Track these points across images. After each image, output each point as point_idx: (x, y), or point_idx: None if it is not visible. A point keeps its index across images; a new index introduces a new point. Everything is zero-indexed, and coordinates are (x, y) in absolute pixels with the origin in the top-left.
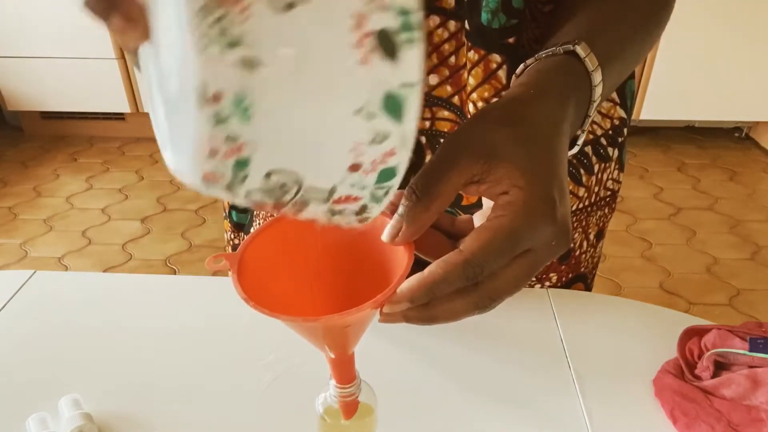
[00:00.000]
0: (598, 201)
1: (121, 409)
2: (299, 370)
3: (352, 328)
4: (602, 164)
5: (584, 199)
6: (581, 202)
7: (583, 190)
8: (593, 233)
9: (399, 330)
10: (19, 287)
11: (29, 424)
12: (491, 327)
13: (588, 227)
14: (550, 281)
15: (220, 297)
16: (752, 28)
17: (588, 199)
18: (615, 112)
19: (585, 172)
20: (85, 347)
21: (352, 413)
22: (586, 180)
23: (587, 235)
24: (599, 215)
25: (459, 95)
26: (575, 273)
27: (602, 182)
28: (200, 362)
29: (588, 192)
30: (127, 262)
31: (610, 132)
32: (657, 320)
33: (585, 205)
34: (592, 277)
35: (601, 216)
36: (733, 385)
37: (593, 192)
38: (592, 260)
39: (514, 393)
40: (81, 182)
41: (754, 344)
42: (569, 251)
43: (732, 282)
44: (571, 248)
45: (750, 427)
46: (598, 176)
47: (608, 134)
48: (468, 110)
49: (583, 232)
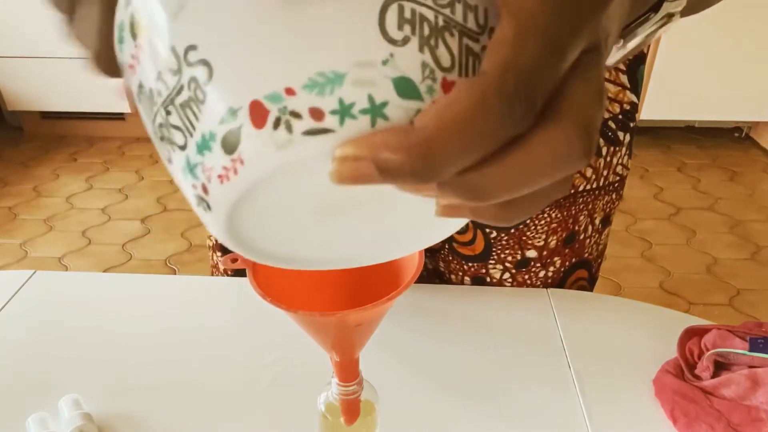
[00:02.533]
0: (606, 185)
1: (121, 409)
2: (299, 370)
3: (362, 327)
4: (611, 147)
5: (591, 181)
6: (588, 183)
7: (591, 171)
8: (599, 218)
9: (400, 330)
10: (19, 287)
11: (29, 424)
12: (491, 327)
13: (594, 211)
14: (554, 266)
15: (220, 297)
16: (752, 28)
17: (596, 182)
18: (625, 96)
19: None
20: (85, 347)
21: (354, 415)
22: (594, 161)
23: (593, 220)
24: (606, 200)
25: None
26: (579, 258)
27: (611, 166)
28: (200, 362)
29: (596, 174)
30: (127, 262)
31: (620, 116)
32: (657, 320)
33: (592, 187)
34: (597, 266)
35: (608, 201)
36: (733, 385)
37: (601, 175)
38: (597, 247)
39: (514, 393)
40: (81, 182)
41: (754, 344)
42: (573, 234)
43: (732, 282)
44: (575, 231)
45: (750, 427)
46: (606, 159)
47: (617, 118)
48: None
49: (588, 215)
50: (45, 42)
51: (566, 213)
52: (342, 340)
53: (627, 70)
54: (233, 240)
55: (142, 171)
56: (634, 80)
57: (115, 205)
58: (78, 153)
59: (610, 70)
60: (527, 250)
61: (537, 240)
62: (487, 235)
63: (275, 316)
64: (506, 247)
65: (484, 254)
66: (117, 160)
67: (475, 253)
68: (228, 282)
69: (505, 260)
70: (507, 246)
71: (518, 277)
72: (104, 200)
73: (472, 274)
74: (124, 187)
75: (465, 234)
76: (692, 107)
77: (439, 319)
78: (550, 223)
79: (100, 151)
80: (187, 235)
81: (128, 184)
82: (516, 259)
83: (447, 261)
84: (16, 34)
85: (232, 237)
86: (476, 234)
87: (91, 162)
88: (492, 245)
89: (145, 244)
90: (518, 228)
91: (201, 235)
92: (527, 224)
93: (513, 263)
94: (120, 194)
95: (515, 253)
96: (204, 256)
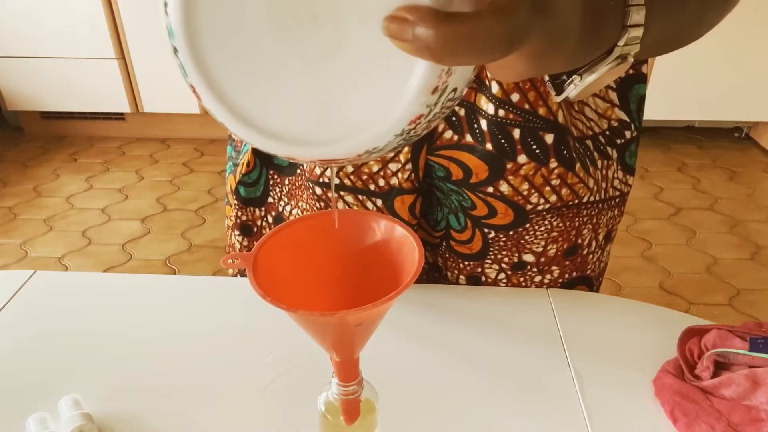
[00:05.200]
0: (607, 199)
1: (121, 409)
2: (299, 370)
3: (362, 327)
4: (604, 161)
5: (595, 193)
6: (592, 195)
7: (593, 181)
8: (602, 234)
9: (400, 330)
10: (19, 287)
11: (29, 424)
12: (491, 327)
13: (598, 226)
14: (551, 275)
15: (220, 297)
16: (752, 29)
17: (598, 194)
18: (612, 113)
19: (590, 164)
20: (85, 347)
21: (354, 415)
22: (593, 172)
23: (596, 235)
24: (609, 216)
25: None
26: (580, 273)
27: (609, 180)
28: (200, 362)
29: (597, 185)
30: (127, 262)
31: (607, 132)
32: (657, 320)
33: (596, 199)
34: (599, 284)
35: (610, 217)
36: (733, 385)
37: (601, 188)
38: (599, 264)
39: (514, 393)
40: (81, 182)
41: (754, 344)
42: (576, 247)
43: (732, 282)
44: (578, 245)
45: (750, 427)
46: (602, 172)
47: (605, 134)
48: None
49: (593, 230)
50: (45, 42)
51: (569, 223)
52: (342, 340)
53: (617, 87)
54: (198, 69)
55: (142, 171)
56: (625, 98)
57: (115, 205)
58: (78, 153)
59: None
60: (524, 254)
61: (535, 246)
62: (485, 234)
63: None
64: (503, 248)
65: (481, 253)
66: (117, 160)
67: (472, 252)
68: (228, 282)
69: (502, 261)
70: (504, 247)
71: (513, 278)
72: (104, 200)
73: (467, 273)
74: (124, 187)
75: (463, 232)
76: (692, 107)
77: (439, 318)
78: (551, 231)
79: (100, 151)
80: (187, 235)
81: (128, 184)
82: (512, 261)
83: (444, 258)
84: (16, 34)
85: (196, 62)
86: (474, 233)
87: (91, 162)
88: (489, 245)
89: (145, 244)
90: (517, 231)
91: (201, 235)
92: (526, 228)
93: (509, 265)
94: (120, 194)
95: (512, 255)
96: (204, 256)
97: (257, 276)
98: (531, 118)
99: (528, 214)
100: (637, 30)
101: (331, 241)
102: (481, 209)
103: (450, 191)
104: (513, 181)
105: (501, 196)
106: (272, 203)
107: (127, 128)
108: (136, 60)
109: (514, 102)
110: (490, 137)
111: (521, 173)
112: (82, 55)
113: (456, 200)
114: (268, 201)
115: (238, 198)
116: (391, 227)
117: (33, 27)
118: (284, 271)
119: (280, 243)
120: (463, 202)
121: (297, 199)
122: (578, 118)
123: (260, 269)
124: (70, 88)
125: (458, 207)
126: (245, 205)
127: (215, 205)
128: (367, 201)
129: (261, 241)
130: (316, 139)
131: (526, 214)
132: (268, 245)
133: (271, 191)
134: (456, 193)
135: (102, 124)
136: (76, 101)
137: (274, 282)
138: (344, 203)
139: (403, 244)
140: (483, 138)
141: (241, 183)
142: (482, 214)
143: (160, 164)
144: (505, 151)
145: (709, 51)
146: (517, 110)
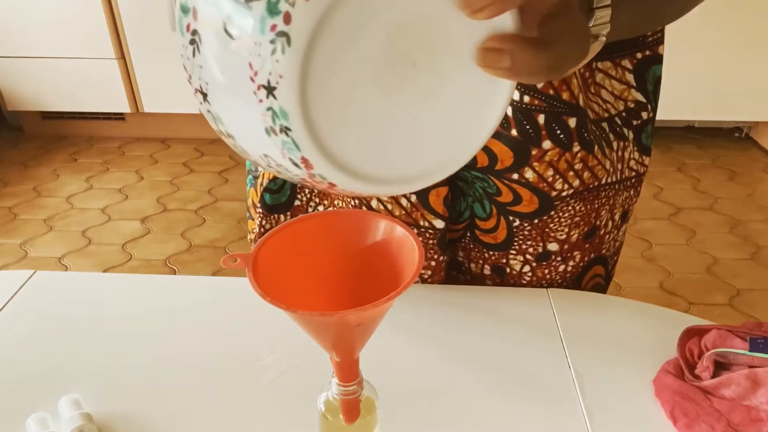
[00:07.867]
0: (623, 180)
1: (121, 409)
2: (299, 370)
3: (362, 327)
4: (620, 142)
5: (611, 174)
6: (608, 176)
7: (609, 163)
8: (618, 214)
9: (400, 330)
10: (19, 287)
11: (29, 424)
12: (491, 327)
13: (614, 207)
14: (573, 260)
15: (219, 297)
16: (752, 29)
17: (615, 175)
18: (629, 94)
19: (606, 146)
20: (85, 347)
21: (354, 415)
22: (609, 153)
23: (613, 215)
24: (625, 196)
25: None
26: (597, 253)
27: (624, 161)
28: (200, 362)
29: (613, 167)
30: (127, 262)
31: (624, 114)
32: (657, 320)
33: (612, 180)
34: (614, 263)
35: (626, 197)
36: (733, 385)
37: (617, 169)
38: (614, 243)
39: (514, 393)
40: (81, 182)
41: (754, 344)
42: (595, 229)
43: (732, 282)
44: (596, 226)
45: (750, 427)
46: (618, 154)
47: (621, 115)
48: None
49: (609, 210)
50: (45, 42)
51: (589, 207)
52: (342, 340)
53: (634, 69)
54: (315, 143)
55: (142, 171)
56: (642, 80)
57: (115, 205)
58: (78, 153)
59: (616, 68)
60: (549, 242)
61: (560, 233)
62: (510, 223)
63: (275, 316)
64: (528, 237)
65: (505, 243)
66: (117, 160)
67: (496, 242)
68: (228, 282)
69: (527, 251)
70: (529, 237)
71: (538, 271)
72: (104, 200)
73: (492, 263)
74: (124, 187)
75: (488, 220)
76: (692, 107)
77: (439, 318)
78: (574, 216)
79: (100, 151)
80: (187, 235)
81: (128, 184)
82: (537, 251)
83: (467, 249)
84: (16, 34)
85: (313, 138)
86: (499, 221)
87: (91, 162)
88: (514, 234)
89: (145, 244)
90: (542, 219)
91: (201, 235)
92: (551, 216)
93: (534, 255)
94: (120, 194)
95: (537, 245)
96: (204, 256)
97: (257, 276)
98: (555, 103)
99: (553, 201)
100: (604, 11)
101: (331, 241)
102: (506, 195)
103: (474, 179)
104: (538, 167)
105: (526, 183)
106: (300, 206)
107: (127, 128)
108: (136, 60)
109: (539, 87)
110: (516, 123)
111: (546, 159)
112: (82, 55)
113: (480, 187)
114: (295, 204)
115: (263, 206)
116: (391, 227)
117: (33, 27)
118: (284, 271)
119: (280, 243)
120: (488, 189)
121: (332, 198)
122: (594, 101)
123: (260, 269)
124: (70, 88)
125: (483, 194)
126: (270, 213)
127: (215, 205)
128: (402, 198)
129: (261, 241)
130: (414, 175)
131: (551, 201)
132: (268, 245)
133: (298, 194)
134: (481, 180)
135: (102, 124)
136: (76, 101)
137: (274, 282)
138: (377, 200)
139: (403, 244)
140: (508, 124)
141: (267, 190)
142: (507, 201)
143: (160, 164)
144: (530, 137)
145: (709, 51)
146: (542, 96)
